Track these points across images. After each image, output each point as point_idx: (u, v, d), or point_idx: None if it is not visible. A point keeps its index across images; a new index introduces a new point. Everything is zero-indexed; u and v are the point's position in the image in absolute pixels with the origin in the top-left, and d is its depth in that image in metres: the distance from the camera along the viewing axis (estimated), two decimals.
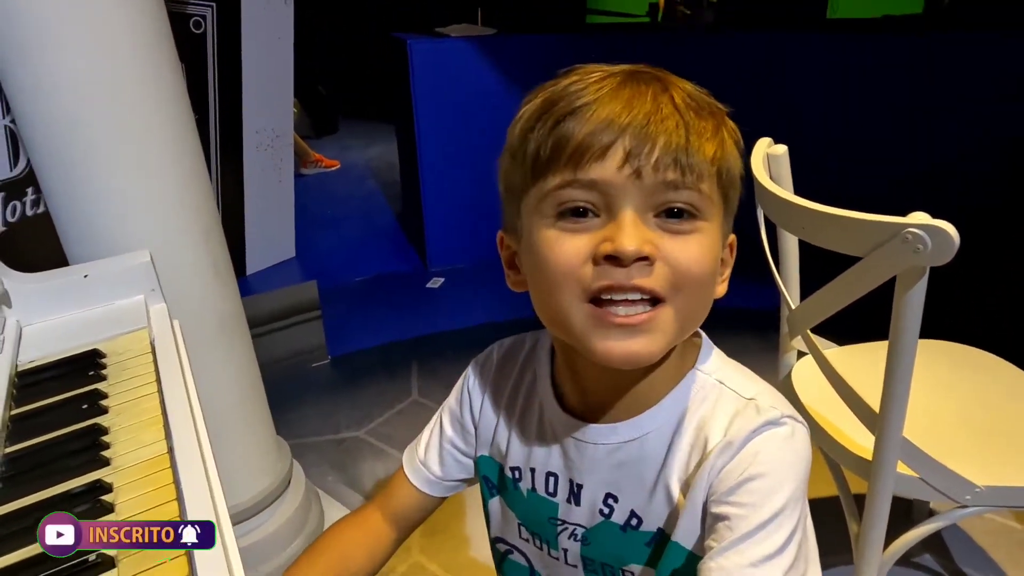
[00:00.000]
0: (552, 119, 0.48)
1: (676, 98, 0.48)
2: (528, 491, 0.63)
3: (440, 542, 1.54)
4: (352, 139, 5.27)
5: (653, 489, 0.56)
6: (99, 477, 0.62)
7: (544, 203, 0.49)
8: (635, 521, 0.57)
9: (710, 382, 0.56)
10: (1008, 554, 1.45)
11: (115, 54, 1.04)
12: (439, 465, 0.69)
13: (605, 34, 3.12)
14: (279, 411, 1.77)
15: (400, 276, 2.96)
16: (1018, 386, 1.18)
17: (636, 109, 0.47)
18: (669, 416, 0.55)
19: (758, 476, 0.50)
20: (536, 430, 0.62)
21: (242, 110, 2.23)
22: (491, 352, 0.69)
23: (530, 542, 0.66)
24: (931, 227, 0.76)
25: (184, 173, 1.16)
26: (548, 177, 0.48)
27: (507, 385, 0.65)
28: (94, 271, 0.89)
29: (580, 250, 0.47)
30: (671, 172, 0.46)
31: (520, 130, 0.51)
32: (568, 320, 0.49)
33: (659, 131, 0.46)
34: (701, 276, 0.49)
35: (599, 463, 0.58)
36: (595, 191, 0.47)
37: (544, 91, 0.51)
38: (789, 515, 0.49)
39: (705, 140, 0.48)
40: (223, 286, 1.26)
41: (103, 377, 0.76)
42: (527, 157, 0.50)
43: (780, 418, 0.52)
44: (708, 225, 0.49)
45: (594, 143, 0.46)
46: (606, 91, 0.48)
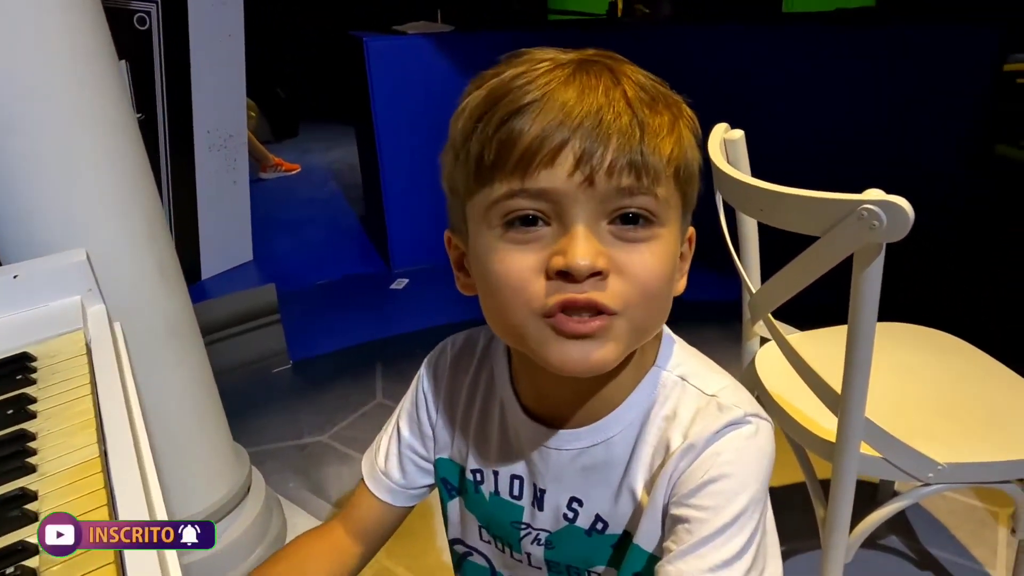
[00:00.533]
0: (496, 117, 0.44)
1: (629, 92, 0.45)
2: (491, 494, 0.61)
3: (406, 545, 1.51)
4: (312, 142, 5.20)
5: (618, 492, 0.54)
6: (24, 485, 0.57)
7: (491, 212, 0.46)
8: (600, 525, 0.56)
9: (672, 379, 0.54)
10: (971, 532, 1.46)
11: (46, 49, 0.99)
12: (400, 473, 0.66)
13: (564, 31, 3.12)
14: (239, 418, 1.72)
15: (363, 278, 2.91)
16: (978, 367, 1.20)
17: (587, 106, 0.43)
18: (632, 418, 0.53)
19: (720, 477, 0.48)
20: (498, 432, 0.59)
21: (192, 109, 2.17)
22: (444, 349, 0.65)
23: (492, 544, 0.64)
24: (886, 203, 0.76)
25: (124, 171, 1.11)
26: (494, 184, 0.45)
27: (463, 384, 0.63)
28: (25, 271, 0.84)
29: (530, 265, 0.45)
30: (626, 177, 0.43)
31: (463, 127, 0.47)
32: (521, 334, 0.47)
33: (611, 132, 0.43)
34: (659, 288, 0.47)
35: (564, 468, 0.56)
36: (545, 200, 0.44)
37: (487, 83, 0.47)
38: (750, 516, 0.48)
39: (661, 139, 0.45)
40: (170, 288, 1.21)
41: (32, 381, 0.72)
42: (470, 159, 0.46)
43: (743, 417, 0.50)
44: (665, 230, 0.46)
45: (543, 147, 0.43)
46: (554, 85, 0.44)
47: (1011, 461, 0.98)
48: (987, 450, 1.00)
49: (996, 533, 1.47)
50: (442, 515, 0.67)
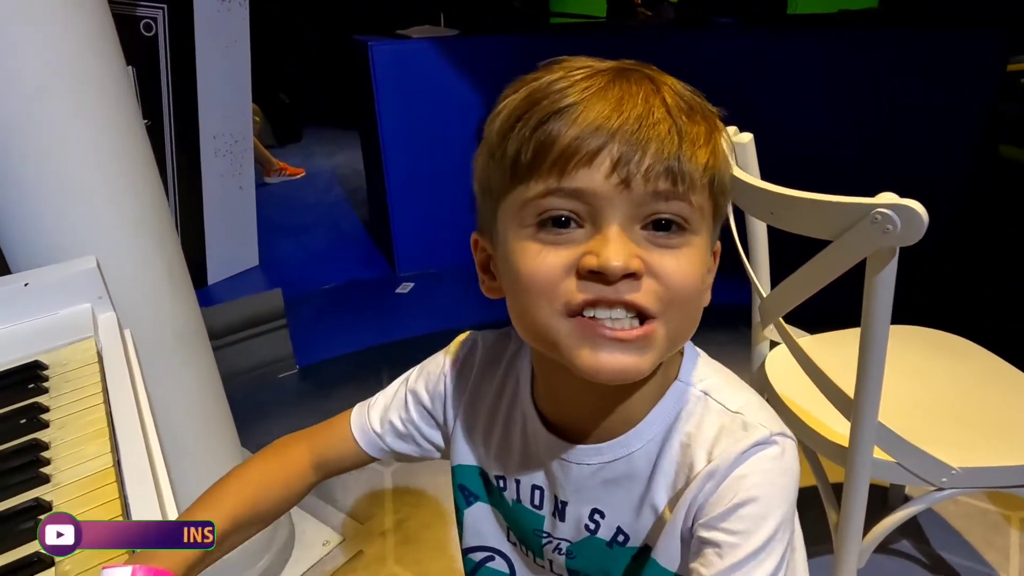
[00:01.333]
0: (535, 118, 0.44)
1: (668, 100, 0.45)
2: (514, 501, 0.60)
3: (416, 551, 1.51)
4: (316, 147, 5.20)
5: (640, 506, 0.54)
6: (38, 495, 0.57)
7: (524, 211, 0.45)
8: (622, 538, 0.55)
9: (695, 394, 0.53)
10: (983, 536, 1.45)
11: (55, 54, 0.99)
12: (397, 442, 0.65)
13: (568, 34, 3.11)
14: (246, 423, 1.72)
15: (369, 282, 2.91)
16: (991, 371, 1.19)
17: (626, 112, 0.43)
18: (654, 433, 0.53)
19: (749, 501, 0.47)
20: (520, 442, 0.59)
21: (198, 115, 2.17)
22: (473, 347, 0.63)
23: (517, 547, 0.63)
24: (900, 206, 0.75)
25: (133, 177, 1.11)
26: (530, 183, 0.45)
27: (490, 390, 0.62)
28: (35, 279, 0.84)
29: (562, 263, 0.44)
30: (662, 182, 0.43)
31: (500, 127, 0.47)
32: (550, 334, 0.46)
33: (650, 137, 0.43)
34: (692, 292, 0.46)
35: (584, 482, 0.55)
36: (580, 201, 0.44)
37: (526, 85, 0.47)
38: (780, 540, 0.48)
39: (698, 147, 0.45)
40: (179, 294, 1.21)
41: (44, 390, 0.72)
42: (506, 158, 0.46)
43: (769, 437, 0.49)
44: (697, 238, 0.46)
45: (581, 148, 0.43)
46: (594, 91, 0.44)
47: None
48: (1001, 454, 0.99)
49: (1008, 537, 1.46)
50: (457, 524, 0.67)
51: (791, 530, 0.49)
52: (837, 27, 3.07)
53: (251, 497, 0.61)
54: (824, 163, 2.72)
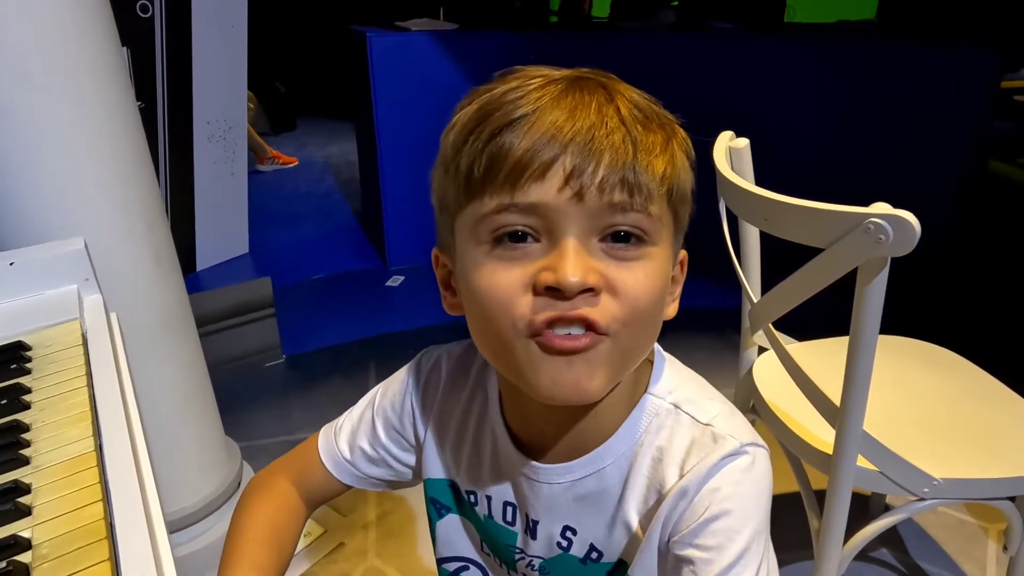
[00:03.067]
0: (487, 131, 0.43)
1: (622, 109, 0.44)
2: (485, 516, 0.60)
3: (397, 545, 1.50)
4: (310, 136, 5.18)
5: (612, 523, 0.53)
6: (17, 478, 0.56)
7: (480, 227, 0.44)
8: (595, 554, 0.55)
9: (664, 407, 0.52)
10: (961, 547, 1.47)
11: (48, 34, 0.98)
12: (370, 467, 0.64)
13: (567, 32, 3.11)
14: (231, 412, 1.71)
15: (359, 274, 2.90)
16: (976, 383, 1.20)
17: (579, 122, 0.42)
18: (624, 448, 0.52)
19: (721, 515, 0.47)
20: (490, 459, 0.58)
21: (192, 99, 2.15)
22: (438, 365, 0.62)
23: (491, 557, 0.63)
24: (893, 217, 0.76)
25: (124, 159, 1.10)
26: (484, 199, 0.44)
27: (458, 404, 0.61)
28: (21, 258, 0.83)
29: (518, 281, 0.43)
30: (617, 193, 0.42)
31: (453, 142, 0.46)
32: (508, 356, 0.45)
33: (603, 148, 0.42)
34: (650, 308, 0.45)
35: (555, 499, 0.55)
36: (535, 215, 0.43)
37: (479, 97, 0.46)
38: (755, 552, 0.47)
39: (654, 156, 0.44)
40: (167, 279, 1.20)
41: (27, 371, 0.71)
42: (460, 173, 0.45)
43: (739, 448, 0.49)
44: (657, 250, 0.45)
45: (533, 161, 0.42)
46: (546, 100, 0.43)
47: (1006, 478, 0.98)
48: (983, 467, 1.00)
49: (986, 549, 1.47)
50: (431, 535, 0.66)
51: (766, 541, 0.49)
52: (835, 37, 3.08)
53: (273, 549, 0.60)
54: (817, 171, 2.74)
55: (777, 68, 2.87)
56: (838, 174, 2.81)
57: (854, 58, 2.83)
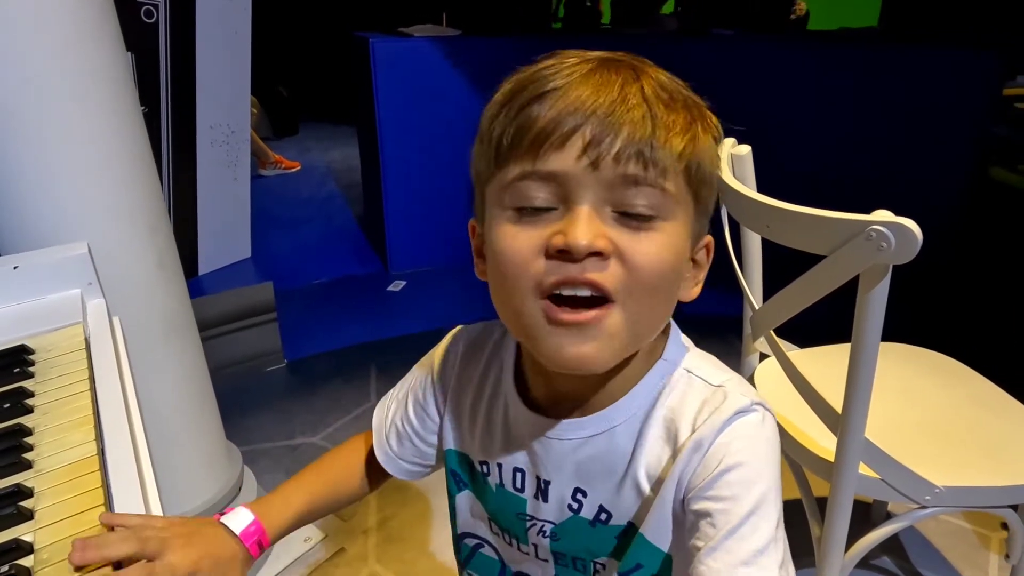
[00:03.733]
0: (518, 104, 0.46)
1: (646, 88, 0.46)
2: (497, 486, 0.61)
3: (398, 550, 1.50)
4: (313, 141, 5.19)
5: (622, 482, 0.54)
6: (19, 481, 0.56)
7: (504, 195, 0.47)
8: (604, 516, 0.56)
9: (678, 371, 0.54)
10: (963, 555, 1.46)
11: (52, 39, 0.98)
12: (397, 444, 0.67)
13: (569, 38, 3.12)
14: (232, 416, 1.71)
15: (360, 278, 2.90)
16: (978, 391, 1.20)
17: (603, 97, 0.44)
18: (637, 408, 0.53)
19: (734, 467, 0.48)
20: (502, 426, 0.59)
21: (196, 104, 2.16)
22: (457, 338, 0.65)
23: (500, 536, 0.64)
24: (895, 224, 0.76)
25: (128, 164, 1.10)
26: (509, 166, 0.46)
27: (474, 376, 0.63)
28: (25, 262, 0.83)
29: (533, 243, 0.45)
30: (632, 165, 0.44)
31: (489, 114, 0.49)
32: (521, 318, 0.47)
33: (623, 122, 0.44)
34: (658, 276, 0.46)
35: (566, 458, 0.56)
36: (553, 183, 0.45)
37: (518, 75, 0.49)
38: (772, 504, 0.48)
39: (673, 134, 0.45)
40: (170, 283, 1.20)
41: (30, 375, 0.71)
42: (492, 142, 0.48)
43: (750, 405, 0.50)
44: (671, 225, 0.46)
45: (555, 130, 0.44)
46: (575, 77, 0.45)
47: (1008, 486, 0.98)
48: (985, 475, 1.00)
49: (987, 557, 1.47)
50: (450, 509, 0.67)
51: (780, 503, 0.49)
52: (837, 44, 3.09)
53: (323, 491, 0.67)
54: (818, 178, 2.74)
55: (779, 74, 2.88)
56: (840, 179, 2.82)
57: (856, 63, 2.83)
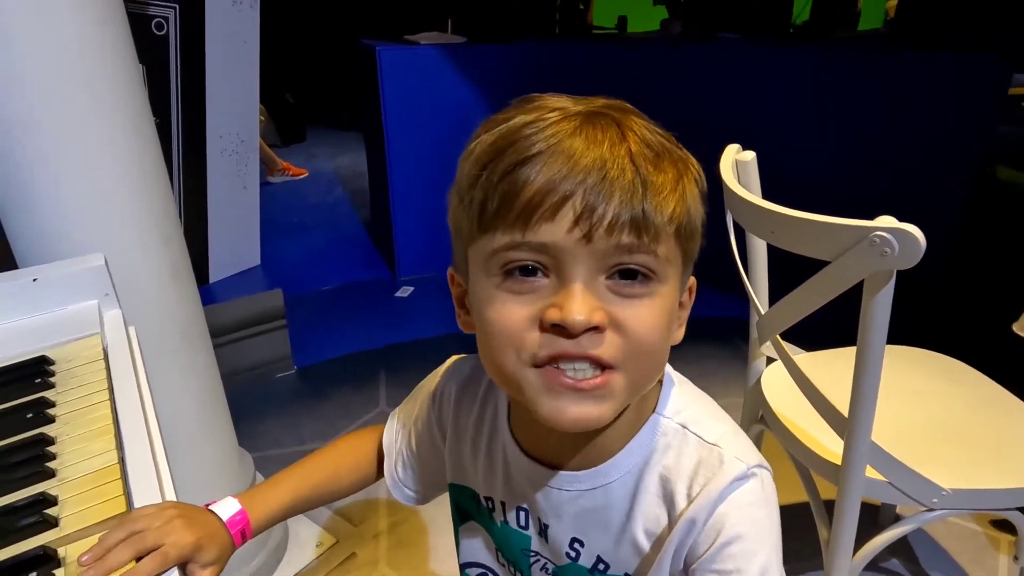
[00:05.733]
0: (501, 167, 0.44)
1: (633, 147, 0.44)
2: (502, 522, 0.61)
3: (408, 555, 1.51)
4: (319, 147, 5.22)
5: (620, 537, 0.54)
6: (44, 490, 0.58)
7: (491, 261, 0.46)
8: (602, 566, 0.56)
9: (672, 427, 0.53)
10: (972, 557, 1.46)
11: (69, 51, 1.00)
12: (402, 471, 0.70)
13: (575, 44, 3.13)
14: (242, 422, 1.73)
15: (368, 285, 2.92)
16: (984, 393, 1.20)
17: (590, 161, 0.43)
18: (632, 465, 0.53)
19: (735, 539, 0.48)
20: (502, 467, 0.60)
21: (206, 114, 2.18)
22: (449, 380, 0.65)
23: (506, 568, 0.65)
24: (898, 230, 0.77)
25: (142, 175, 1.12)
26: (496, 233, 0.45)
27: (471, 417, 0.63)
28: (43, 275, 0.85)
29: (526, 315, 0.45)
30: (625, 235, 0.43)
31: (468, 172, 0.47)
32: (515, 382, 0.47)
33: (614, 188, 0.43)
34: (655, 344, 0.46)
35: (564, 507, 0.56)
36: (544, 254, 0.44)
37: (497, 127, 0.47)
38: (775, 572, 0.49)
39: (663, 197, 0.44)
40: (183, 292, 1.22)
41: (51, 385, 0.72)
42: (475, 204, 0.46)
43: (747, 471, 0.50)
44: (664, 287, 0.46)
45: (544, 201, 0.43)
46: (560, 137, 0.44)
47: (1016, 488, 0.99)
48: (992, 477, 1.00)
49: (996, 559, 1.47)
50: (455, 539, 0.68)
51: (782, 568, 0.50)
52: (843, 47, 3.09)
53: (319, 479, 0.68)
54: (824, 180, 2.74)
55: (785, 78, 2.89)
56: (846, 181, 2.82)
57: (862, 66, 2.83)
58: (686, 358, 2.22)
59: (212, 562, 0.55)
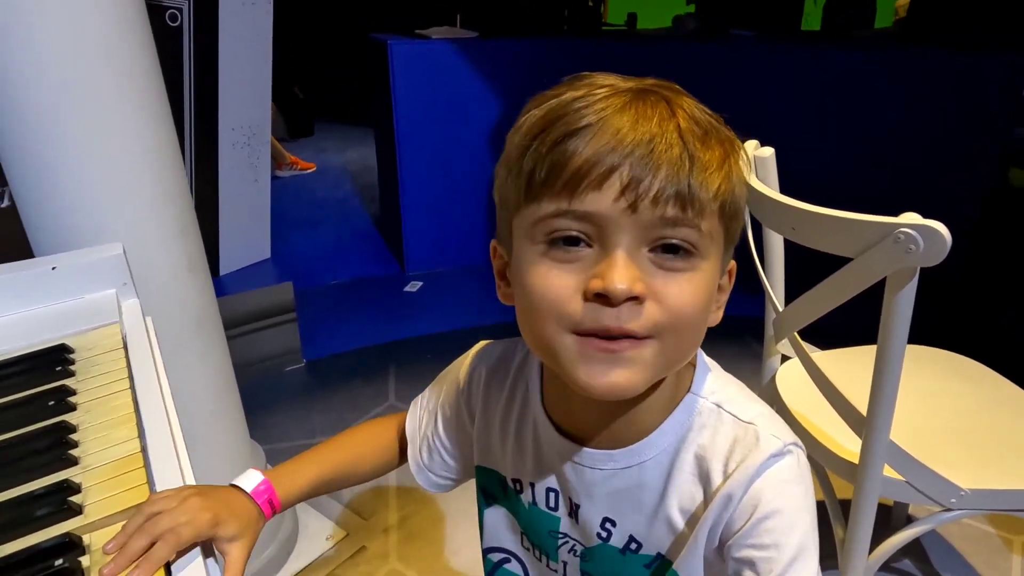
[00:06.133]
0: (551, 138, 0.45)
1: (682, 124, 0.45)
2: (530, 503, 0.61)
3: (418, 548, 1.51)
4: (328, 141, 5.22)
5: (654, 516, 0.54)
6: (67, 477, 0.58)
7: (536, 229, 0.46)
8: (634, 545, 0.56)
9: (707, 406, 0.54)
10: (986, 559, 1.46)
11: (89, 44, 1.00)
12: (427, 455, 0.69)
13: (584, 41, 3.12)
14: (252, 415, 1.73)
15: (377, 279, 2.92)
16: (1002, 395, 1.19)
17: (639, 135, 0.43)
18: (667, 444, 0.53)
19: (772, 514, 0.48)
20: (532, 446, 0.60)
21: (218, 106, 2.19)
22: (479, 363, 0.65)
23: (531, 551, 0.65)
24: (924, 227, 0.76)
25: (160, 167, 1.12)
26: (542, 202, 0.45)
27: (500, 398, 0.63)
28: (63, 263, 0.84)
29: (569, 284, 0.45)
30: (670, 207, 0.43)
31: (518, 144, 0.48)
32: (553, 349, 0.47)
33: (661, 162, 0.43)
34: (692, 318, 0.47)
35: (596, 486, 0.56)
36: (589, 223, 0.44)
37: (547, 101, 0.48)
38: (812, 551, 0.49)
39: (710, 173, 0.45)
40: (198, 283, 1.22)
41: (71, 373, 0.72)
42: (522, 174, 0.47)
43: (782, 448, 0.50)
44: (705, 263, 0.46)
45: (592, 171, 0.43)
46: (609, 112, 0.45)
47: None
48: (1010, 478, 0.99)
49: (1010, 561, 1.46)
50: (479, 523, 0.68)
51: (818, 546, 0.50)
52: (857, 46, 3.07)
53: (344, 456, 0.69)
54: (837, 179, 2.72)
55: (799, 75, 2.87)
56: (859, 180, 2.80)
57: (876, 66, 2.82)
58: None
59: (236, 535, 0.55)
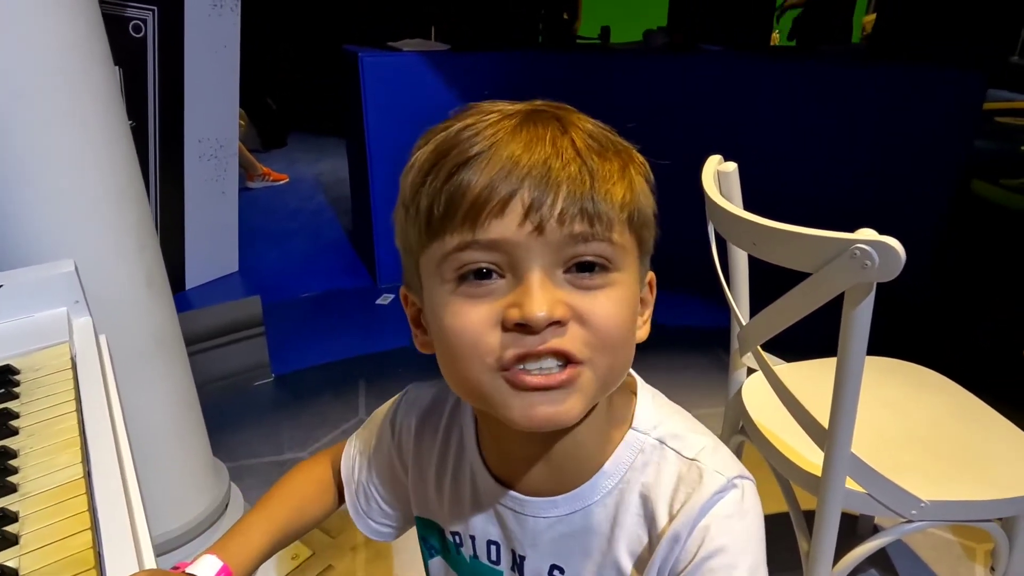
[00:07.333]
0: (444, 170, 0.43)
1: (577, 140, 0.44)
2: (471, 557, 0.59)
3: (386, 567, 1.49)
4: (301, 153, 5.18)
5: (602, 560, 0.53)
6: (3, 505, 0.56)
7: (443, 266, 0.44)
8: None
9: (650, 443, 0.52)
10: (950, 567, 1.47)
11: (40, 53, 0.98)
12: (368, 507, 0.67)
13: (558, 54, 3.14)
14: (219, 432, 1.70)
15: (349, 292, 2.89)
16: (962, 405, 1.21)
17: (535, 155, 0.42)
18: (611, 485, 0.52)
19: (716, 552, 0.47)
20: (470, 498, 0.57)
21: (184, 118, 2.16)
22: (408, 412, 0.62)
23: None
24: (878, 243, 0.77)
25: (116, 180, 1.10)
26: (445, 237, 0.43)
27: (434, 446, 0.60)
28: (10, 281, 0.82)
29: (486, 318, 0.43)
30: (578, 224, 0.42)
31: (412, 182, 0.46)
32: (481, 391, 0.45)
33: (560, 180, 0.42)
34: (620, 334, 0.45)
35: (541, 535, 0.54)
36: (497, 251, 0.43)
37: (436, 136, 0.46)
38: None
39: (612, 184, 0.43)
40: (157, 300, 1.19)
41: (15, 395, 0.70)
42: (421, 213, 0.45)
43: (726, 484, 0.49)
44: (622, 276, 0.45)
45: (491, 197, 0.42)
46: (501, 135, 0.43)
47: (993, 500, 0.99)
48: (969, 489, 1.01)
49: (973, 570, 1.48)
50: (425, 572, 0.66)
51: (765, 569, 0.49)
52: (823, 61, 3.13)
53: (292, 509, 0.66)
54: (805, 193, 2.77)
55: (766, 91, 2.91)
56: (825, 194, 2.84)
57: (841, 81, 2.87)
58: (669, 366, 2.23)
59: None
